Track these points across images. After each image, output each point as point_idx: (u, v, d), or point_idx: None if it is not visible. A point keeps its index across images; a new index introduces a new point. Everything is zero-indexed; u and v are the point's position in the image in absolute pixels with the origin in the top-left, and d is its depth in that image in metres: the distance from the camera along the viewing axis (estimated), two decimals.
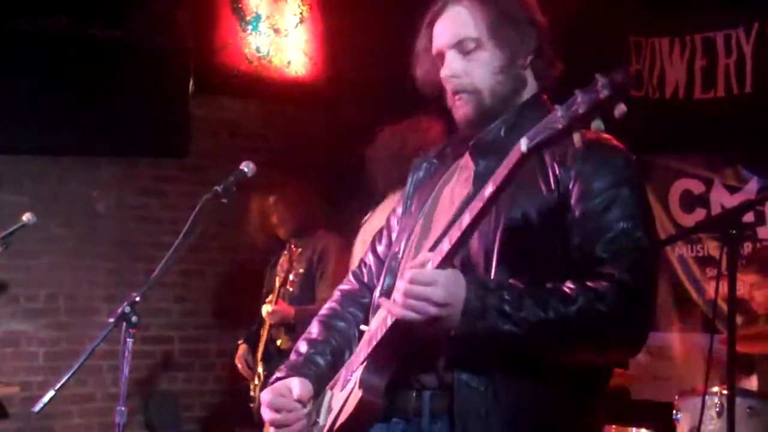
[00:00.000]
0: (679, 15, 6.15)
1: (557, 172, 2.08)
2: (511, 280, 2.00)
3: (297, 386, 2.28)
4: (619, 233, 2.01)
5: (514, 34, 2.19)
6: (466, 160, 2.27)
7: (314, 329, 2.45)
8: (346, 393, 2.19)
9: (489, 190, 1.86)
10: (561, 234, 2.05)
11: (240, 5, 6.62)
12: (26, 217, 4.28)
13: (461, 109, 2.23)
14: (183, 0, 6.38)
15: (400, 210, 2.46)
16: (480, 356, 2.01)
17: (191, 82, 6.38)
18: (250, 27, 6.66)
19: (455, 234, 1.93)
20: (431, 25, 2.29)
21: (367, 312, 2.39)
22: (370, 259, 2.50)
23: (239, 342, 5.57)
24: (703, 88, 6.10)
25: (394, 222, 2.47)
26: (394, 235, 2.44)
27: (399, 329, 2.02)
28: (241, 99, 6.73)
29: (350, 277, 2.55)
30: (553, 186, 2.07)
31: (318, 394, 2.32)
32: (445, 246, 1.95)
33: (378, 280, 2.38)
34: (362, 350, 2.19)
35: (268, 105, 6.82)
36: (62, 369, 2.90)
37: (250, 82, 6.66)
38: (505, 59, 2.19)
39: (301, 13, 6.84)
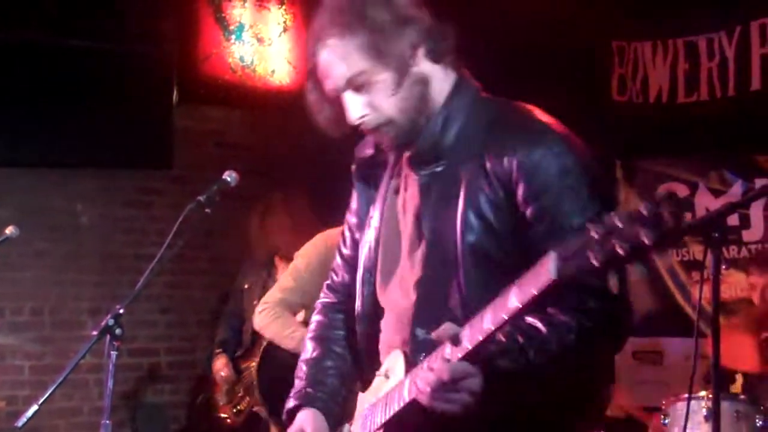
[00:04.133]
0: (661, 19, 6.18)
1: (496, 169, 2.03)
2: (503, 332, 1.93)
3: (310, 427, 2.27)
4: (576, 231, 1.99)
5: (391, 44, 2.06)
6: (408, 170, 2.22)
7: (309, 347, 2.43)
8: None
9: (515, 305, 1.76)
10: (516, 235, 2.03)
11: (223, 15, 6.61)
12: (9, 230, 4.24)
13: (383, 141, 2.17)
14: (166, 10, 6.37)
15: (354, 205, 2.42)
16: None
17: (175, 93, 6.36)
18: (233, 36, 6.65)
19: (476, 338, 1.86)
20: (314, 71, 2.17)
21: (349, 316, 2.36)
22: (339, 264, 2.47)
23: (216, 351, 5.50)
24: (686, 92, 6.14)
25: (352, 220, 2.43)
26: (357, 236, 2.39)
27: (418, 406, 1.99)
28: (226, 109, 6.71)
29: (325, 289, 2.52)
30: (495, 185, 2.04)
31: (330, 415, 2.31)
32: (467, 345, 1.88)
33: (353, 287, 2.34)
34: (379, 408, 2.15)
35: (252, 114, 6.80)
36: (48, 383, 2.88)
37: (234, 91, 6.65)
38: (396, 74, 2.06)
39: (284, 22, 6.83)
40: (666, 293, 6.27)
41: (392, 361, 2.17)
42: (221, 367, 5.41)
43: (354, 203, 2.43)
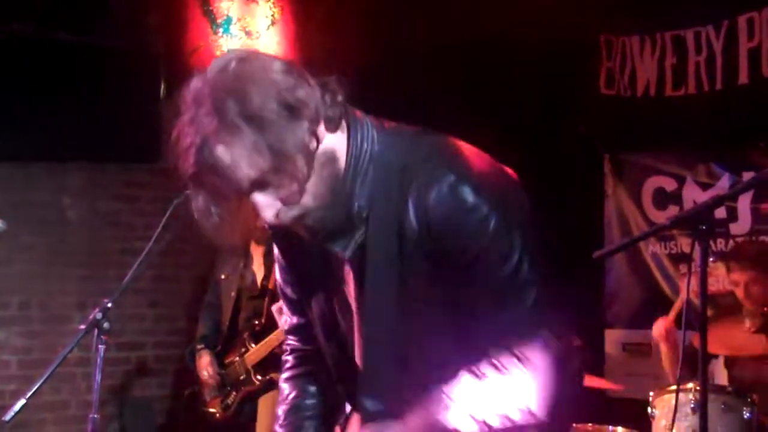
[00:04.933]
0: (649, 13, 6.19)
1: (414, 236, 1.93)
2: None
3: None
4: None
5: (288, 138, 1.83)
6: (331, 249, 2.06)
7: (285, 390, 2.39)
8: None
9: None
10: (451, 294, 1.96)
11: (211, 8, 6.60)
12: None
13: (299, 231, 2.01)
14: (153, 3, 6.35)
15: (282, 273, 2.31)
16: None
17: (162, 86, 6.35)
18: (221, 30, 6.63)
19: None
20: (199, 176, 1.93)
21: (317, 354, 2.30)
22: (289, 307, 2.38)
23: (198, 347, 5.47)
24: (673, 86, 6.15)
25: (282, 263, 2.32)
26: (292, 278, 2.30)
27: None
28: None
29: (286, 333, 2.45)
30: (418, 256, 1.94)
31: None
32: None
33: (310, 327, 2.28)
34: None
35: None
36: (36, 377, 2.87)
37: None
38: (302, 163, 1.86)
39: (272, 16, 6.82)
40: (654, 286, 6.29)
41: (354, 430, 2.16)
42: (205, 365, 5.36)
43: (279, 255, 2.31)
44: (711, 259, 5.02)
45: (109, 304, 2.84)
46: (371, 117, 2.03)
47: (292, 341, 2.42)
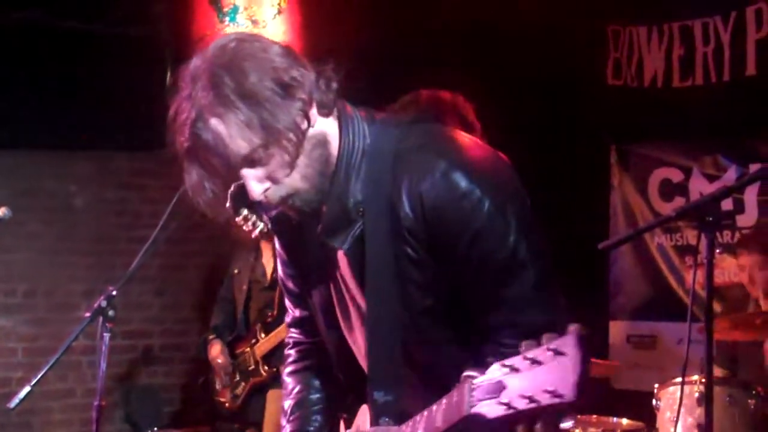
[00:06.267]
0: (656, 3, 6.17)
1: (410, 225, 1.93)
2: None
3: None
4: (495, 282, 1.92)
5: (280, 115, 1.86)
6: (327, 242, 2.06)
7: (289, 384, 2.41)
8: None
9: (438, 425, 1.67)
10: (450, 283, 1.95)
11: None
12: (2, 212, 4.22)
13: (290, 212, 2.02)
14: None
15: (282, 252, 2.31)
16: None
17: (169, 75, 6.34)
18: (227, 18, 6.62)
19: None
20: (192, 151, 1.95)
21: (320, 348, 2.31)
22: (291, 301, 2.39)
23: (210, 337, 5.49)
24: (681, 77, 6.12)
25: (283, 257, 2.33)
26: (292, 271, 2.30)
27: None
28: None
29: (289, 326, 2.47)
30: (416, 246, 1.94)
31: None
32: None
33: (313, 320, 2.28)
34: None
35: None
36: (41, 365, 2.89)
37: None
38: (293, 142, 1.87)
39: (278, 4, 6.80)
40: (660, 278, 6.28)
41: (361, 420, 2.15)
42: (217, 354, 5.40)
43: (280, 249, 2.32)
44: (717, 251, 5.01)
45: (114, 292, 2.84)
46: (361, 110, 2.05)
47: (294, 334, 2.44)
